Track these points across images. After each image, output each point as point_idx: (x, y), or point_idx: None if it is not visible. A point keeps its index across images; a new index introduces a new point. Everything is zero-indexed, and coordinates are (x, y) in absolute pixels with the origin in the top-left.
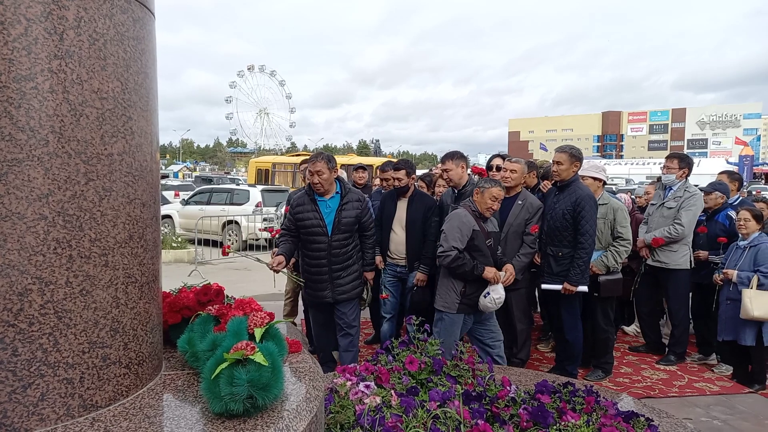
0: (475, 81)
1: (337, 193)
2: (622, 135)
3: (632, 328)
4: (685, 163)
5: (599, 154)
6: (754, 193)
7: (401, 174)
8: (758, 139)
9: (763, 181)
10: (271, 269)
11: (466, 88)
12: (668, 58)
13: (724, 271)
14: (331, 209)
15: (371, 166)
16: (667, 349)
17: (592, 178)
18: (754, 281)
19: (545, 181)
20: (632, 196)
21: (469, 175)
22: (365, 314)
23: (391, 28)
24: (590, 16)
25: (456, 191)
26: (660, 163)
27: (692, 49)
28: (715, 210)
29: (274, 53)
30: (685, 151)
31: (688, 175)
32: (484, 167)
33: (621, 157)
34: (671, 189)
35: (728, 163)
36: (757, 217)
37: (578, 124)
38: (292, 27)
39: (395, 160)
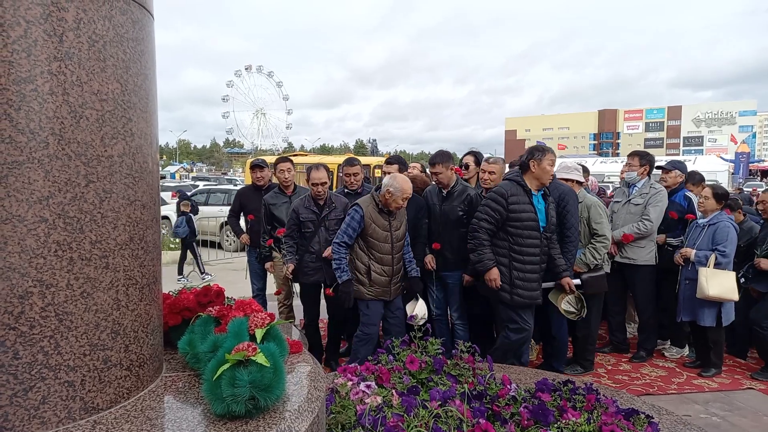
0: (474, 80)
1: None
2: (619, 133)
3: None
4: (646, 160)
5: (596, 152)
6: (749, 191)
7: (393, 169)
8: (753, 136)
9: (759, 178)
10: (494, 285)
11: (464, 87)
12: (664, 56)
13: (682, 250)
14: (542, 204)
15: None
16: (638, 345)
17: (563, 179)
18: (711, 260)
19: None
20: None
21: (457, 175)
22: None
23: (391, 27)
24: (586, 14)
25: (444, 192)
26: (657, 161)
27: (688, 48)
28: (672, 190)
29: (273, 52)
30: (681, 148)
31: (649, 172)
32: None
33: (617, 154)
34: (635, 186)
35: (723, 159)
36: (719, 195)
37: (575, 123)
38: (292, 27)
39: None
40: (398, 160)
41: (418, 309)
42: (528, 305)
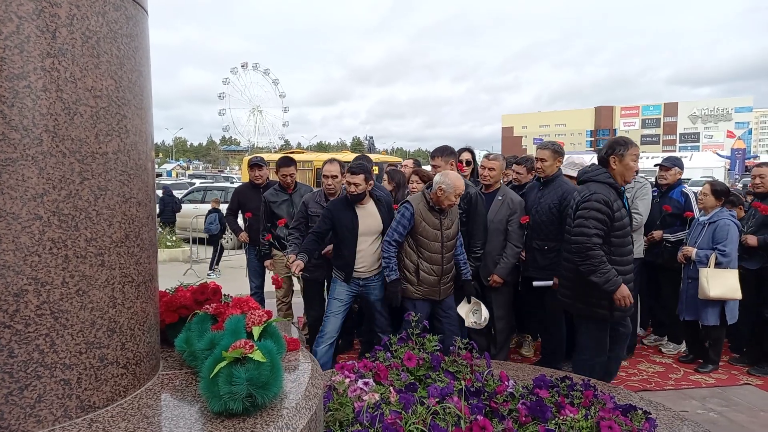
0: (472, 78)
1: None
2: (615, 129)
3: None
4: None
5: (592, 148)
6: (748, 185)
7: (359, 179)
8: (749, 132)
9: None
10: (627, 303)
11: (462, 85)
12: (664, 56)
13: (684, 249)
14: (626, 203)
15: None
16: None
17: (566, 176)
18: (712, 259)
19: (517, 166)
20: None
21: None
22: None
23: (390, 27)
24: (585, 14)
25: None
26: (653, 157)
27: (687, 48)
28: (669, 187)
29: (270, 51)
30: (678, 145)
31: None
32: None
33: None
34: None
35: (719, 155)
36: (717, 192)
37: (571, 119)
38: (290, 25)
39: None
40: (363, 167)
41: (484, 312)
42: (625, 317)
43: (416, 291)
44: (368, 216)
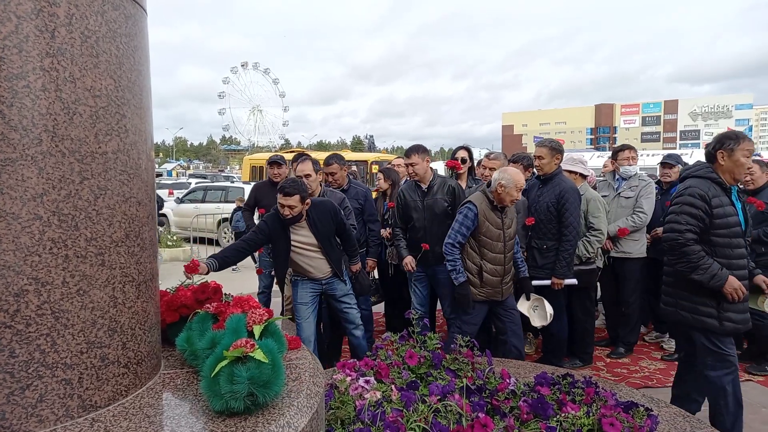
0: (472, 76)
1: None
2: (615, 127)
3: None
4: (637, 154)
5: (592, 146)
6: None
7: (293, 201)
8: (750, 129)
9: None
10: (739, 295)
11: (462, 83)
12: (664, 54)
13: None
14: (738, 203)
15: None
16: (619, 340)
17: (567, 171)
18: None
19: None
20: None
21: (433, 169)
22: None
23: (389, 25)
24: (585, 13)
25: (424, 186)
26: (653, 155)
27: (687, 46)
28: (671, 184)
29: (270, 50)
30: (678, 142)
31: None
32: (459, 161)
33: None
34: (623, 180)
35: None
36: None
37: (571, 117)
38: (290, 25)
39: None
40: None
41: (548, 308)
42: (740, 331)
43: (479, 293)
44: (303, 237)
